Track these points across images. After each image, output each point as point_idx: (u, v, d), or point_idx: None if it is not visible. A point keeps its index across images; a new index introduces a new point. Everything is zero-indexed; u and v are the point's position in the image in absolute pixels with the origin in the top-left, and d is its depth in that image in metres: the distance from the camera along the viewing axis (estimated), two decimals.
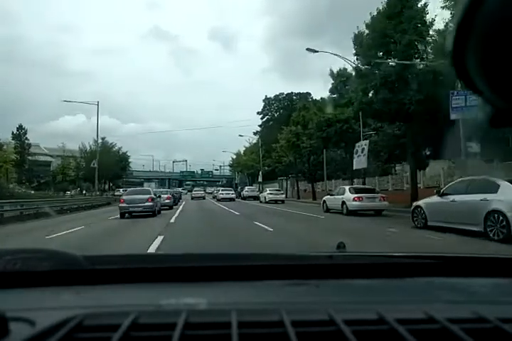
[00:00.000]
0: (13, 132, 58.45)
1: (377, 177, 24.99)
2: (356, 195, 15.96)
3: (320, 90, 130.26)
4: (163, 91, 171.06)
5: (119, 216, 16.82)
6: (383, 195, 16.74)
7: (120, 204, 17.11)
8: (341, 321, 0.55)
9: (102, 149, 52.60)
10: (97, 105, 31.39)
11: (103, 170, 46.31)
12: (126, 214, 16.95)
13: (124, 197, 17.55)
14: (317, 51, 22.18)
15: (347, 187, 17.54)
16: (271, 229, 10.52)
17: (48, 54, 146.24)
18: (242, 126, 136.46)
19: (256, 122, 64.52)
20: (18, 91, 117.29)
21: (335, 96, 25.68)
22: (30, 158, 57.01)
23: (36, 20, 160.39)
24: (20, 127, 60.00)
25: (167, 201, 22.52)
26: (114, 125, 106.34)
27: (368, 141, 21.13)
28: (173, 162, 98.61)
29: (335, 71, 25.82)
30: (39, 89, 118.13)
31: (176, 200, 28.93)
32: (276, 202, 29.39)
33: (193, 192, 44.57)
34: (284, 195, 32.11)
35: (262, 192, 33.12)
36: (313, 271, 0.95)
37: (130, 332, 0.53)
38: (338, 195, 17.19)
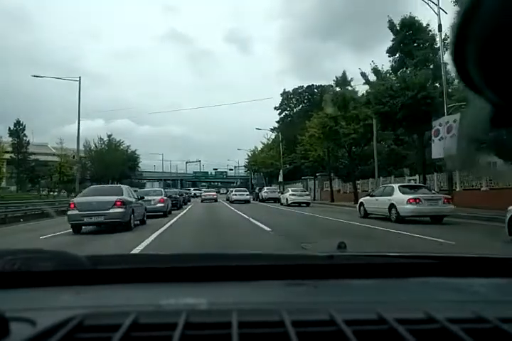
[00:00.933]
0: (9, 128, 54.37)
1: (458, 172, 17.75)
2: (412, 196, 12.16)
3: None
4: (178, 93, 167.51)
5: (71, 230, 10.30)
6: (447, 197, 12.99)
7: (69, 212, 10.31)
8: (342, 321, 0.55)
9: (108, 147, 49.95)
10: (79, 81, 28.23)
11: (109, 169, 44.17)
12: (90, 227, 10.73)
13: (75, 200, 10.62)
14: None
15: (395, 186, 13.74)
16: None
17: (65, 57, 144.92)
18: (258, 122, 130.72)
19: (273, 119, 58.08)
20: (35, 93, 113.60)
21: (396, 56, 18.43)
22: (31, 157, 53.00)
23: (59, 26, 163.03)
24: (17, 123, 55.97)
25: (159, 205, 15.78)
26: (129, 127, 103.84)
27: (458, 115, 14.03)
28: (186, 162, 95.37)
29: (396, 22, 18.17)
30: (60, 92, 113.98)
31: (179, 203, 22.78)
32: (299, 204, 24.64)
33: (203, 194, 38.43)
34: (309, 197, 27.17)
35: (283, 193, 28.35)
36: (313, 271, 0.93)
37: (130, 332, 0.53)
38: (381, 195, 13.61)
